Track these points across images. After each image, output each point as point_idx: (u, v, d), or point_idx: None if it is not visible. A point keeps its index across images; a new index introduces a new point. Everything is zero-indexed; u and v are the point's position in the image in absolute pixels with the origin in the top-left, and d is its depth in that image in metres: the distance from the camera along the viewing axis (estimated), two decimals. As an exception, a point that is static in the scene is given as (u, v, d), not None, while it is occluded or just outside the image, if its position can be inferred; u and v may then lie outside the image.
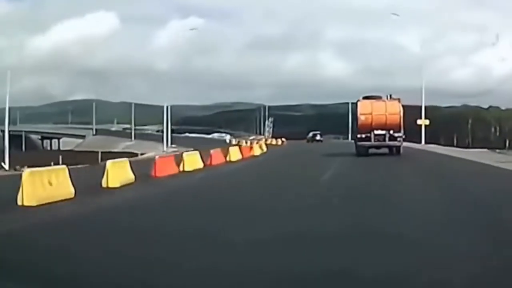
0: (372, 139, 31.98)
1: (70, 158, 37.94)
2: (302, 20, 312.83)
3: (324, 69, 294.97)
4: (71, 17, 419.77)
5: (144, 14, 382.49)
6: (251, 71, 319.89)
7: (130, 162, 17.89)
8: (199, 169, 22.78)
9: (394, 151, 32.44)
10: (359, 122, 32.68)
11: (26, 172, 12.44)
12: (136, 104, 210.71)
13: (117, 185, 15.58)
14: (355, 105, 34.07)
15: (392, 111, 32.21)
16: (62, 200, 12.36)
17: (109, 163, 15.97)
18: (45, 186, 12.41)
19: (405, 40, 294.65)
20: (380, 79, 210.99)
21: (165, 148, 52.98)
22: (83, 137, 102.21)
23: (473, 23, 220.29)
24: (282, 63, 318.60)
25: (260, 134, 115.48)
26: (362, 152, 32.22)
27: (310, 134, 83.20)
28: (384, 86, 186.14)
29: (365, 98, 33.64)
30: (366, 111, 32.48)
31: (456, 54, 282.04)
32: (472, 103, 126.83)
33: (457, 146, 72.59)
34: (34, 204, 11.69)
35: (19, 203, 11.77)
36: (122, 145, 77.06)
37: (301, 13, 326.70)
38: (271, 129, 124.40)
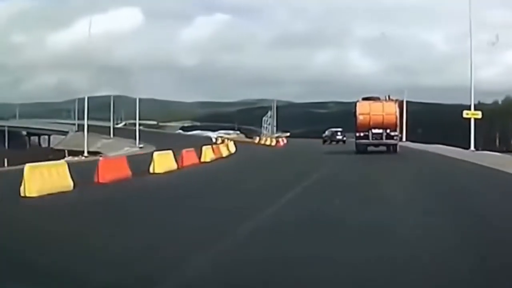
0: (370, 138, 34.35)
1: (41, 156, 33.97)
2: (329, 17, 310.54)
3: (351, 66, 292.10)
4: (95, 12, 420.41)
5: (170, 10, 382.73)
6: (278, 67, 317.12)
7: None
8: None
9: (391, 149, 34.80)
10: (358, 122, 34.59)
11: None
12: (161, 101, 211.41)
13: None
14: (354, 105, 35.92)
15: (388, 111, 34.44)
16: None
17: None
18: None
19: (433, 38, 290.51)
20: (407, 77, 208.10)
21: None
22: (66, 133, 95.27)
23: (499, 21, 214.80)
24: (309, 60, 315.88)
25: (280, 131, 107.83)
26: (361, 149, 34.62)
27: (327, 132, 62.28)
28: (411, 83, 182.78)
29: (364, 99, 35.72)
30: (365, 111, 34.62)
31: (483, 52, 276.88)
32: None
33: (501, 151, 54.88)
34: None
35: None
36: (99, 143, 72.36)
37: (328, 10, 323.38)
38: (270, 126, 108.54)
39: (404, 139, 53.80)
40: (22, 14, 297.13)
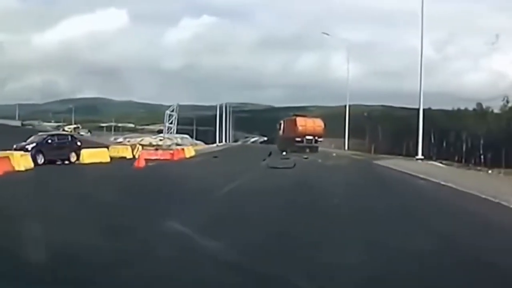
0: (305, 141, 49.93)
1: None
2: (313, 21, 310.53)
3: (335, 70, 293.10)
4: (80, 13, 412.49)
5: (156, 12, 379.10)
6: (262, 71, 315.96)
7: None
8: None
9: (315, 149, 49.38)
10: (298, 130, 50.37)
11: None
12: (143, 104, 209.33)
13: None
14: (293, 120, 52.41)
15: (317, 124, 51.75)
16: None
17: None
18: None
19: (418, 42, 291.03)
20: (389, 81, 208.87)
21: None
22: None
23: (486, 26, 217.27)
24: (293, 64, 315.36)
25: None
26: (299, 148, 47.49)
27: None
28: (394, 88, 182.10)
29: (296, 115, 54.21)
30: (303, 124, 51.23)
31: (468, 58, 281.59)
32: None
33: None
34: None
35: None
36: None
37: (312, 14, 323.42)
38: (172, 129, 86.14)
39: (420, 155, 38.45)
40: (8, 14, 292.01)
